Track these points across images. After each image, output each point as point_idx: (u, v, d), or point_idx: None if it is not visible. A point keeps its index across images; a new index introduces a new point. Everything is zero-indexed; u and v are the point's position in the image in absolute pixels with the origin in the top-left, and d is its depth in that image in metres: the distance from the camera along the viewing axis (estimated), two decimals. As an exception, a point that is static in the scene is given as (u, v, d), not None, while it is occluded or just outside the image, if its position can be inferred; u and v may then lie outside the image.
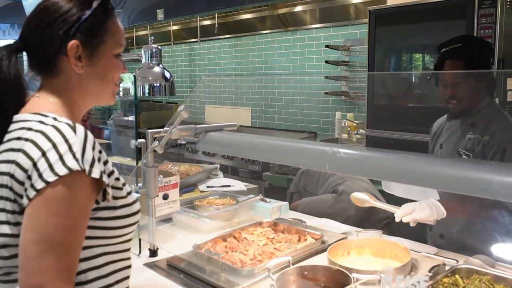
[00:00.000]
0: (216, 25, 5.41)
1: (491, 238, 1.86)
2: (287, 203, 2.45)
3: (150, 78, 2.48)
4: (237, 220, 2.23)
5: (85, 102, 1.16)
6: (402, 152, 1.51)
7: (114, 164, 1.11)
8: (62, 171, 0.95)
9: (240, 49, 5.64)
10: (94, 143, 1.02)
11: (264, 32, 5.25)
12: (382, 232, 1.95)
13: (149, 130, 1.85)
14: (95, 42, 1.11)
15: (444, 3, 2.94)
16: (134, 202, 1.14)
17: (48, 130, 1.00)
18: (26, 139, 1.00)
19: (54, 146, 0.97)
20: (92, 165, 0.98)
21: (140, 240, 1.90)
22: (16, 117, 1.07)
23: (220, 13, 5.19)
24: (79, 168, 0.96)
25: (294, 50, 4.93)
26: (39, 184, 0.94)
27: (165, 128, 1.80)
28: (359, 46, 4.16)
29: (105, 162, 1.05)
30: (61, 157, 0.96)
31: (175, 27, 6.18)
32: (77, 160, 0.97)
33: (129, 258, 1.18)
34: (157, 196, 1.88)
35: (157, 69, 2.52)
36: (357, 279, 1.47)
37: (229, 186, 2.70)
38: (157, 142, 1.80)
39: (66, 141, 0.98)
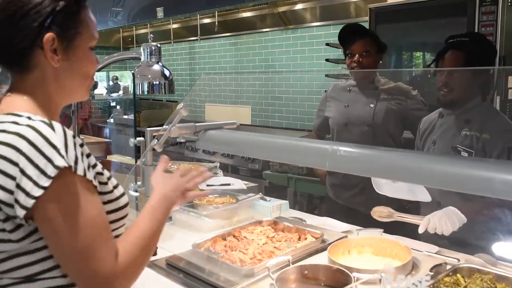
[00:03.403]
0: (216, 23, 5.40)
1: (492, 237, 1.86)
2: (287, 201, 2.44)
3: (149, 76, 2.46)
4: (237, 219, 2.22)
5: (61, 98, 1.12)
6: (403, 150, 1.51)
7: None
8: (53, 172, 0.93)
9: (240, 47, 5.63)
10: (74, 137, 0.99)
11: (264, 30, 5.24)
12: (383, 230, 1.94)
13: (148, 129, 1.84)
14: (71, 34, 1.07)
15: (445, 0, 2.93)
16: (121, 196, 1.12)
17: (25, 131, 0.96)
18: (1, 143, 0.95)
19: (37, 149, 0.94)
20: (76, 162, 0.97)
21: (139, 239, 1.89)
22: None
23: (220, 11, 5.17)
24: (66, 165, 0.94)
25: (295, 48, 4.91)
26: (37, 192, 0.92)
27: (164, 126, 1.79)
28: (359, 44, 4.14)
29: (88, 155, 1.03)
30: (48, 159, 0.94)
31: (175, 25, 6.17)
32: (62, 156, 0.94)
33: None
34: (156, 194, 1.86)
35: (156, 67, 2.49)
36: (358, 278, 1.46)
37: (228, 184, 2.69)
38: (156, 140, 1.78)
39: (47, 140, 0.95)
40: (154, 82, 2.45)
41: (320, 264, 1.64)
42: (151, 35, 2.58)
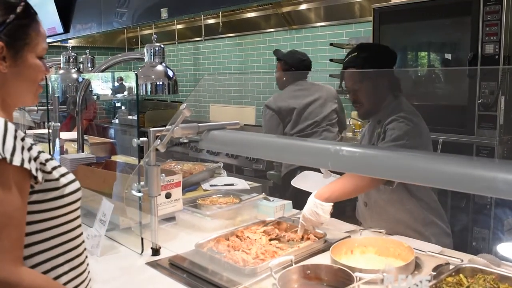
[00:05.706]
0: (221, 23, 5.41)
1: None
2: (290, 201, 2.44)
3: (153, 76, 2.47)
4: (240, 219, 2.22)
5: (11, 101, 1.21)
6: (406, 150, 1.50)
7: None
8: None
9: (244, 47, 5.64)
10: (16, 131, 1.08)
11: (268, 30, 5.24)
12: (385, 231, 1.94)
13: (151, 129, 1.84)
14: (19, 44, 1.17)
15: (449, 0, 2.92)
16: (70, 183, 1.20)
17: None
18: None
19: None
20: (12, 154, 1.04)
21: (142, 239, 1.90)
22: None
23: (225, 11, 5.18)
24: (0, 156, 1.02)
25: (299, 49, 4.90)
26: None
27: (167, 127, 1.79)
28: (363, 44, 4.14)
29: (30, 148, 1.10)
30: None
31: (179, 26, 6.18)
32: None
33: (78, 236, 1.23)
34: (159, 195, 1.87)
35: (159, 67, 2.51)
36: (360, 278, 1.46)
37: (232, 184, 2.69)
38: (159, 140, 1.79)
39: None
40: (157, 83, 2.46)
41: (322, 264, 1.64)
42: (155, 35, 2.59)
